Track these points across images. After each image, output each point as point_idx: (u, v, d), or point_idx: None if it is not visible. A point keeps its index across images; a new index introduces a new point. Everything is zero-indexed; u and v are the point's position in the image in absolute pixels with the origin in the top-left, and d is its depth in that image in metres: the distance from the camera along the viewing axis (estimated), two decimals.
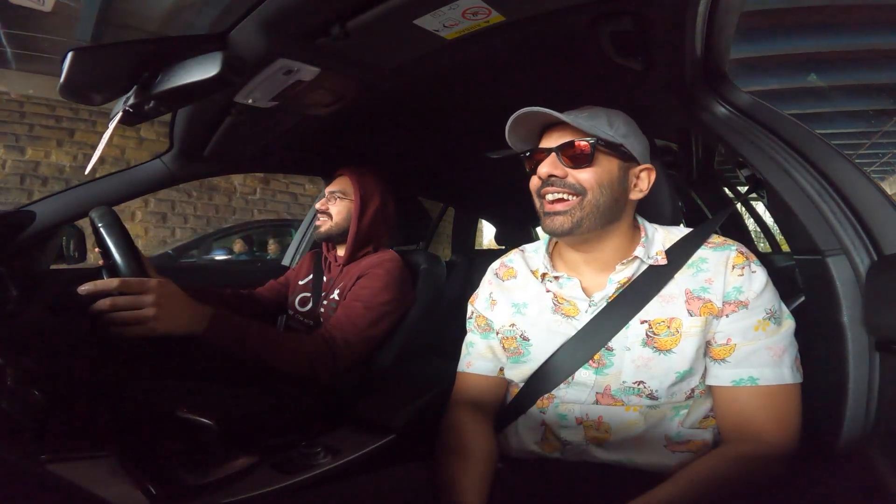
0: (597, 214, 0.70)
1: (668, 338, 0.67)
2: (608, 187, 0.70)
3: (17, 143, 3.89)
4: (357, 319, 1.12)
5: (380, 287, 1.17)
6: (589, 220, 0.69)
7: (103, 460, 0.68)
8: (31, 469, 0.39)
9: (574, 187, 0.70)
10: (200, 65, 0.65)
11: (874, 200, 0.68)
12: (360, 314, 1.13)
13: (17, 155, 3.88)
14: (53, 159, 4.00)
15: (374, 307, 1.15)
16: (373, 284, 1.17)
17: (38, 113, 3.96)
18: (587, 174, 0.70)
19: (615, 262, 0.73)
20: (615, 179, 0.71)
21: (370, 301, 1.15)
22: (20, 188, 3.84)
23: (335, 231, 1.26)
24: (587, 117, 0.71)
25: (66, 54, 0.62)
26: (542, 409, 0.73)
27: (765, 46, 3.35)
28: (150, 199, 4.33)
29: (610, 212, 0.71)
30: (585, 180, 0.69)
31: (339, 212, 1.26)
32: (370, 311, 1.14)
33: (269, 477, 0.74)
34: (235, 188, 4.85)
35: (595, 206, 0.69)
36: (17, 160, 3.87)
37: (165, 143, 1.13)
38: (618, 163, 0.72)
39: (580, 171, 0.70)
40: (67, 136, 4.06)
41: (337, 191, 1.27)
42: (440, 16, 0.68)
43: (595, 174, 0.70)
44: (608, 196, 0.70)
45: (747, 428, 0.65)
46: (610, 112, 0.74)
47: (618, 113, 0.74)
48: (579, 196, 0.69)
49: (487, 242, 6.61)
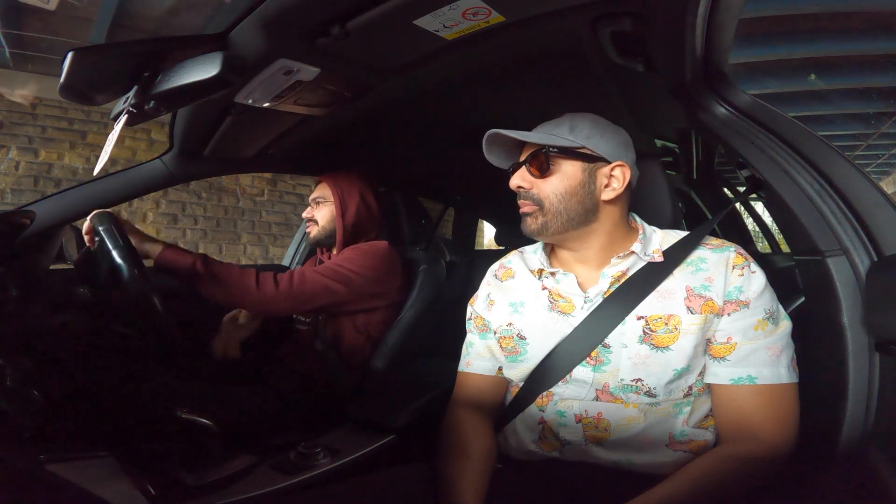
0: (562, 219, 0.73)
1: (665, 335, 0.67)
2: (569, 193, 0.72)
3: (30, 144, 3.91)
4: (305, 277, 1.14)
5: (347, 257, 1.21)
6: (554, 223, 0.73)
7: (103, 460, 0.68)
8: (30, 469, 0.39)
9: (533, 198, 0.74)
10: (200, 65, 0.65)
11: (874, 201, 0.68)
12: (320, 270, 1.17)
13: (31, 157, 3.90)
14: (67, 161, 4.01)
15: (333, 268, 1.17)
16: (340, 258, 1.21)
17: (51, 115, 3.98)
18: (547, 184, 0.73)
19: (608, 259, 0.74)
20: (578, 184, 0.72)
21: (333, 264, 1.19)
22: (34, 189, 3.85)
23: (323, 235, 1.31)
24: (551, 126, 0.75)
25: (67, 54, 0.62)
26: (542, 408, 0.73)
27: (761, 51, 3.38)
28: (160, 201, 4.35)
29: (578, 215, 0.73)
30: (542, 191, 0.73)
31: (324, 216, 1.30)
32: (328, 270, 1.17)
33: (269, 477, 0.74)
34: (244, 189, 4.88)
35: (557, 212, 0.72)
36: (31, 162, 3.89)
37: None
38: (581, 165, 0.73)
39: (544, 181, 0.73)
40: (80, 139, 4.08)
41: (318, 196, 1.33)
42: (440, 16, 0.68)
43: (553, 183, 0.73)
44: (571, 201, 0.72)
45: (745, 427, 0.65)
46: (575, 116, 0.75)
47: (584, 116, 0.76)
48: (540, 205, 0.73)
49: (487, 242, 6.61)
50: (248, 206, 4.91)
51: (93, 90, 0.69)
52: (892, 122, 4.45)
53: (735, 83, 0.80)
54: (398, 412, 0.92)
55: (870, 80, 3.77)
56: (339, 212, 1.27)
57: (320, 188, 1.33)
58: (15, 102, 3.86)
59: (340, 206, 1.27)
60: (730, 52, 0.79)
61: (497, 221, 2.54)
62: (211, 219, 4.68)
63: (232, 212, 4.81)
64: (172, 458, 0.76)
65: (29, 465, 0.47)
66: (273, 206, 5.06)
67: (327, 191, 1.30)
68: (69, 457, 0.65)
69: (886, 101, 4.07)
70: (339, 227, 1.27)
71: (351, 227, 1.28)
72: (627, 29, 0.71)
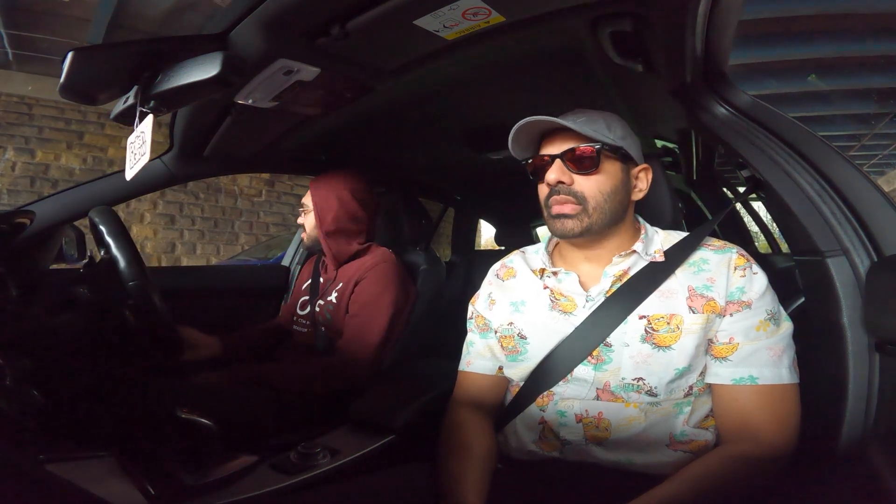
0: (605, 218, 0.71)
1: (667, 334, 0.68)
2: (613, 192, 0.72)
3: (26, 145, 3.88)
4: (367, 332, 1.16)
5: (380, 290, 1.20)
6: (598, 224, 0.71)
7: (103, 460, 0.68)
8: (30, 469, 0.39)
9: (576, 195, 0.71)
10: (200, 65, 0.65)
11: (874, 201, 0.68)
12: (368, 326, 1.17)
13: (28, 157, 3.87)
14: (63, 162, 3.99)
15: (380, 313, 1.18)
16: (372, 289, 1.20)
17: (48, 115, 3.95)
18: (592, 181, 0.71)
19: (611, 258, 0.74)
20: (619, 182, 0.72)
21: (374, 308, 1.18)
22: (31, 190, 3.82)
23: (311, 242, 1.32)
24: (586, 122, 0.72)
25: (67, 54, 0.62)
26: (542, 408, 0.73)
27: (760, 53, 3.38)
28: (158, 202, 4.34)
29: (617, 215, 0.73)
30: (589, 188, 0.71)
31: (309, 223, 1.31)
32: (377, 318, 1.18)
33: (269, 477, 0.74)
34: (242, 190, 4.87)
35: (602, 211, 0.71)
36: (27, 163, 3.86)
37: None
38: (620, 165, 0.73)
39: (586, 178, 0.71)
40: (77, 139, 4.06)
41: (304, 203, 1.33)
42: (440, 16, 0.68)
43: (600, 181, 0.71)
44: (614, 200, 0.72)
45: (747, 428, 0.65)
46: (605, 115, 0.75)
47: (612, 115, 0.76)
48: (584, 204, 0.71)
49: (485, 242, 6.61)
50: (245, 207, 4.89)
51: (93, 90, 0.69)
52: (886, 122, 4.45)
53: (735, 84, 0.80)
54: (398, 412, 0.92)
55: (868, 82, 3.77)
56: (317, 220, 1.28)
57: (306, 194, 1.34)
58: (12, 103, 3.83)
59: (318, 216, 1.28)
60: (730, 53, 0.79)
61: (497, 221, 2.54)
62: (209, 219, 4.66)
63: (230, 212, 4.79)
64: (172, 458, 0.76)
65: (29, 465, 0.47)
66: (271, 206, 5.05)
67: (308, 198, 1.31)
68: (69, 457, 0.65)
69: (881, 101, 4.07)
70: (320, 235, 1.28)
71: (332, 234, 1.27)
72: (627, 29, 0.71)
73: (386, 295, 1.19)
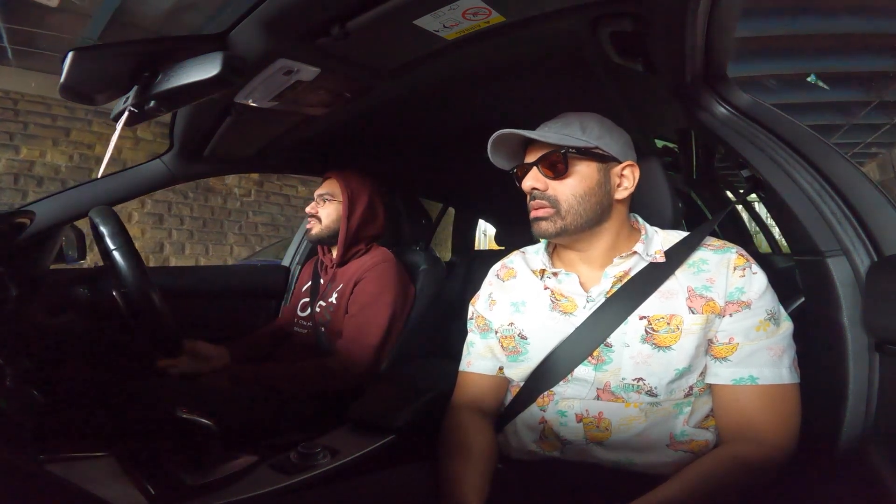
0: (580, 220, 0.72)
1: (667, 334, 0.68)
2: (588, 194, 0.72)
3: (11, 141, 3.81)
4: (366, 333, 1.16)
5: (379, 291, 1.19)
6: (573, 225, 0.72)
7: (103, 460, 0.68)
8: (30, 469, 0.39)
9: (550, 199, 0.73)
10: (200, 65, 0.65)
11: (874, 201, 0.68)
12: (367, 326, 1.17)
13: (12, 154, 3.80)
14: (49, 159, 3.92)
15: (379, 313, 1.17)
16: (371, 290, 1.19)
17: (33, 111, 3.89)
18: (566, 185, 0.72)
19: (611, 259, 0.74)
20: (595, 184, 0.72)
21: (373, 308, 1.18)
22: (14, 188, 3.76)
23: (325, 233, 1.28)
24: (560, 126, 0.74)
25: (67, 54, 0.62)
26: (543, 408, 0.73)
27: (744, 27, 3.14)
28: (146, 201, 4.29)
29: (595, 215, 0.73)
30: (562, 192, 0.72)
31: (329, 214, 1.28)
32: (377, 318, 1.17)
33: (269, 477, 0.74)
34: (231, 190, 4.84)
35: (576, 213, 0.72)
36: (12, 159, 3.79)
37: (162, 144, 1.14)
38: (596, 166, 0.73)
39: (560, 182, 0.72)
40: (63, 136, 3.98)
41: (325, 193, 1.29)
42: (440, 16, 0.68)
43: (572, 184, 0.72)
44: (590, 202, 0.72)
45: (747, 428, 0.65)
46: (583, 116, 0.75)
47: (591, 115, 0.76)
48: (557, 207, 0.72)
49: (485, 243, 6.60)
50: (234, 207, 4.85)
51: (93, 90, 0.69)
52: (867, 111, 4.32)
53: (735, 83, 0.81)
54: (398, 412, 0.92)
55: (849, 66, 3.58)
56: (345, 212, 1.24)
57: (328, 184, 1.30)
58: None
59: (349, 207, 1.24)
60: (730, 53, 0.79)
61: (497, 221, 2.53)
62: (197, 219, 4.61)
63: (219, 212, 4.75)
64: (172, 458, 0.76)
65: (29, 465, 0.47)
66: (260, 206, 5.02)
67: (336, 188, 1.27)
68: (69, 457, 0.65)
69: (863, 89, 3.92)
70: (343, 227, 1.25)
71: (356, 228, 1.25)
72: (627, 29, 0.71)
73: (385, 295, 1.19)
